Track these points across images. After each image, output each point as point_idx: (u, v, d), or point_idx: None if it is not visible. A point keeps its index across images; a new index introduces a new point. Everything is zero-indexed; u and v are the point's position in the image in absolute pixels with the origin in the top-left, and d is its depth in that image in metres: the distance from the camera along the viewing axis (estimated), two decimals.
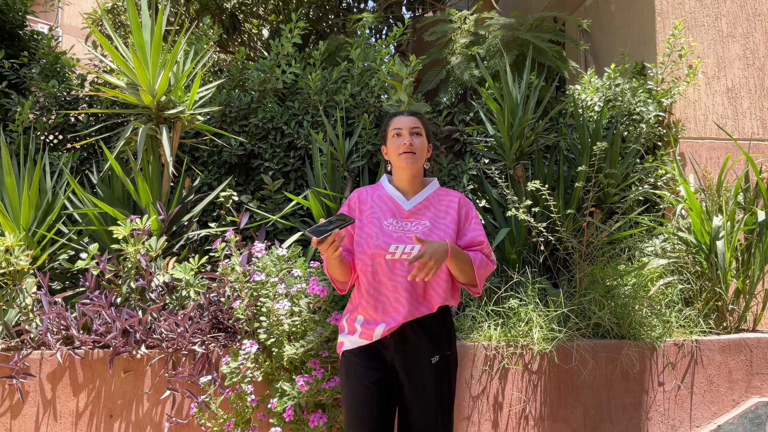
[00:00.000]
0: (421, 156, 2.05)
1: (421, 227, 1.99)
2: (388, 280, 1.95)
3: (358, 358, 1.99)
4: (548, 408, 2.82)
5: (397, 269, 1.94)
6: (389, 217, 2.02)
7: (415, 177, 2.08)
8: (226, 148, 3.75)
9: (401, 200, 2.06)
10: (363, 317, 1.99)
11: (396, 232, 1.97)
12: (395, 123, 2.07)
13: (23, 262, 2.86)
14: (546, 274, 3.38)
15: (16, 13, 4.35)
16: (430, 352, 1.97)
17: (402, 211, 2.04)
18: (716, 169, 3.98)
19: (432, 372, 1.96)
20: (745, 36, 4.27)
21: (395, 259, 1.94)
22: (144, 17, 3.26)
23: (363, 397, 1.95)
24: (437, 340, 1.99)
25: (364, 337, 1.98)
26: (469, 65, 4.31)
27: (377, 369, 1.97)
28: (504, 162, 3.56)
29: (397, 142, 2.04)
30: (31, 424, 2.58)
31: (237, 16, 6.57)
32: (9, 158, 3.19)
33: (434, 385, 1.97)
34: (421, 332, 1.97)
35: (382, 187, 2.12)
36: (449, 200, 2.08)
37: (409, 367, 1.97)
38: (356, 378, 1.97)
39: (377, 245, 1.95)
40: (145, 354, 2.63)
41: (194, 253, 3.21)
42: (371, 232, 1.99)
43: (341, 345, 2.07)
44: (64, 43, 5.79)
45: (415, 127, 2.05)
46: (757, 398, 3.01)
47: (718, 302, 3.25)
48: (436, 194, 2.10)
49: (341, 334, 2.09)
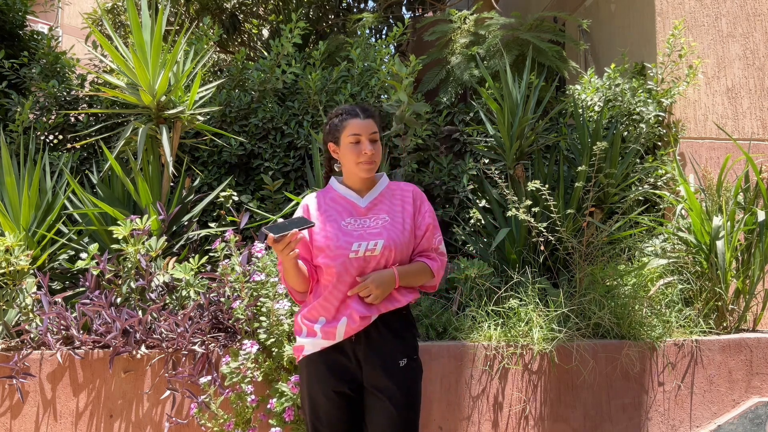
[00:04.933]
0: (379, 162, 2.01)
1: (381, 221, 1.96)
2: (353, 280, 1.90)
3: (321, 363, 1.91)
4: (548, 408, 2.82)
5: (362, 267, 1.90)
6: (346, 216, 1.98)
7: (369, 178, 2.04)
8: (226, 148, 3.75)
9: (355, 198, 2.02)
10: (324, 318, 1.92)
11: (356, 230, 1.94)
12: (353, 126, 1.96)
13: (23, 262, 2.86)
14: (546, 274, 3.38)
15: (16, 13, 4.35)
16: (397, 354, 1.92)
17: (358, 209, 2.00)
18: (716, 169, 3.98)
19: (399, 376, 1.90)
20: (745, 36, 4.27)
21: (359, 257, 1.90)
22: (144, 17, 3.26)
23: (326, 409, 1.90)
24: (404, 341, 1.95)
25: (326, 337, 1.91)
26: (469, 65, 4.31)
27: (342, 379, 1.90)
28: (504, 162, 3.56)
29: (356, 149, 1.95)
30: (31, 424, 2.59)
31: (237, 16, 6.57)
32: (9, 158, 3.19)
33: (401, 391, 1.89)
34: (386, 331, 1.92)
35: (333, 189, 2.06)
36: (402, 194, 2.05)
37: (376, 371, 1.90)
38: (319, 386, 1.91)
39: (339, 246, 1.90)
40: (145, 354, 2.63)
41: (194, 253, 3.21)
42: (330, 233, 1.93)
43: (301, 349, 1.97)
44: (64, 43, 5.79)
45: (373, 132, 1.97)
46: (757, 398, 3.01)
47: (718, 302, 3.25)
48: (389, 188, 2.07)
49: (299, 336, 1.99)
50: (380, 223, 1.96)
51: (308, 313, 1.96)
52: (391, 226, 1.95)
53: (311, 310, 1.95)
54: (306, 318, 1.97)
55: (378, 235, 1.93)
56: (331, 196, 2.04)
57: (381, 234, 1.93)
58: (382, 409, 1.89)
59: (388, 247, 1.91)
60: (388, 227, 1.95)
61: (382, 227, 1.94)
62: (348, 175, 2.05)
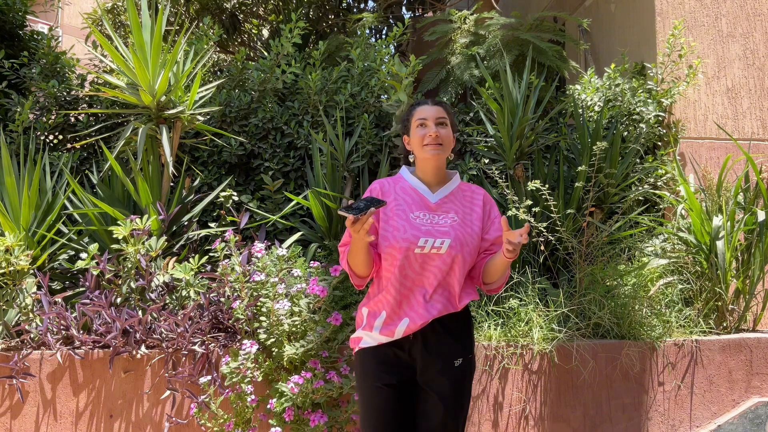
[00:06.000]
0: (447, 147, 1.98)
1: (450, 220, 1.94)
2: (415, 275, 1.89)
3: (375, 357, 1.92)
4: (548, 408, 2.82)
5: (426, 263, 1.88)
6: (416, 209, 1.95)
7: (439, 169, 2.01)
8: (226, 148, 3.75)
9: (426, 192, 1.99)
10: (386, 312, 1.91)
11: (425, 225, 1.91)
12: (419, 112, 1.99)
13: (23, 262, 2.86)
14: (546, 274, 3.38)
15: (16, 13, 4.34)
16: (453, 355, 1.91)
17: (428, 204, 1.97)
18: (716, 169, 3.98)
19: (453, 376, 1.90)
20: (745, 36, 4.27)
21: (424, 253, 1.88)
22: (144, 17, 3.26)
23: (380, 401, 1.90)
24: (461, 342, 1.94)
25: (385, 333, 1.90)
26: (469, 65, 4.31)
27: (394, 372, 1.90)
28: (504, 162, 3.56)
29: (422, 132, 1.96)
30: (31, 424, 2.59)
31: (237, 16, 6.57)
32: (9, 158, 3.19)
33: (453, 390, 1.90)
34: (443, 333, 1.91)
35: (403, 179, 2.04)
36: (473, 196, 2.03)
37: (430, 370, 1.90)
38: (372, 379, 1.90)
39: (406, 238, 1.87)
40: (145, 354, 2.63)
41: (194, 253, 3.21)
42: (398, 224, 1.90)
43: (358, 340, 1.97)
44: (64, 43, 5.79)
45: (440, 117, 1.97)
46: (757, 398, 3.01)
47: (718, 302, 3.25)
48: (460, 188, 2.04)
49: (359, 327, 1.99)
50: (449, 222, 1.93)
51: (373, 305, 1.96)
52: (460, 227, 1.93)
53: (376, 302, 1.95)
54: (370, 310, 1.96)
55: (446, 233, 1.90)
56: (402, 186, 2.02)
57: (449, 233, 1.90)
58: (434, 406, 1.89)
59: (454, 246, 1.88)
60: (457, 227, 1.92)
61: (451, 226, 1.92)
62: (419, 165, 2.03)
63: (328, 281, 2.66)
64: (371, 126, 3.72)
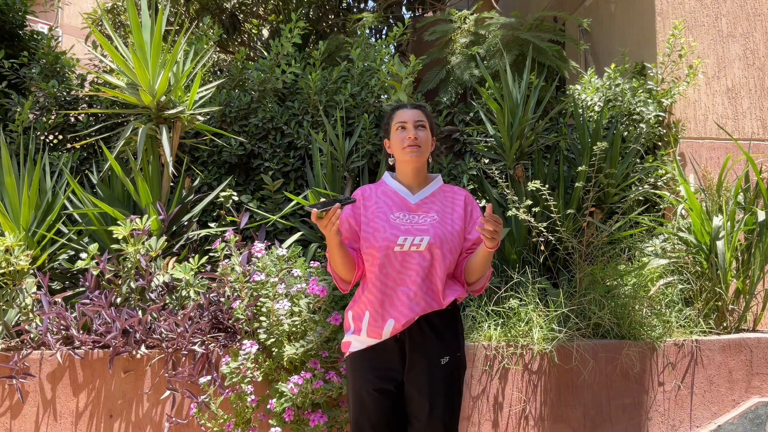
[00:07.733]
0: (425, 149, 2.02)
1: (429, 219, 1.97)
2: (396, 274, 1.92)
3: (366, 361, 1.95)
4: (548, 408, 2.82)
5: (406, 261, 1.91)
6: (396, 210, 1.99)
7: (419, 171, 2.05)
8: (226, 148, 3.75)
9: (406, 194, 2.04)
10: (369, 313, 1.94)
11: (404, 225, 1.95)
12: (399, 116, 2.04)
13: (23, 262, 2.86)
14: (546, 274, 3.38)
15: (16, 13, 4.34)
16: (440, 353, 1.93)
17: (408, 205, 2.01)
18: (716, 169, 3.98)
19: (440, 375, 1.92)
20: (745, 36, 4.27)
21: (404, 251, 1.91)
22: (144, 17, 3.26)
23: (369, 406, 1.92)
24: (446, 340, 1.96)
25: (372, 335, 1.94)
26: (469, 65, 4.31)
27: (385, 377, 1.93)
28: (504, 162, 3.56)
29: (401, 135, 2.01)
30: (31, 424, 2.58)
31: (237, 16, 6.57)
32: (9, 158, 3.19)
33: (441, 389, 1.91)
34: (429, 331, 1.93)
35: (385, 184, 2.10)
36: (455, 196, 2.07)
37: (416, 369, 1.92)
38: (363, 383, 1.93)
39: (385, 237, 1.92)
40: (145, 354, 2.63)
41: (194, 253, 3.21)
42: (378, 225, 1.96)
43: (348, 345, 2.02)
44: (64, 43, 5.78)
45: (419, 120, 2.03)
46: (757, 398, 3.01)
47: (718, 302, 3.25)
48: (441, 190, 2.08)
49: (347, 332, 2.04)
50: (429, 221, 1.97)
51: (357, 307, 2.00)
52: (440, 225, 1.96)
53: (359, 304, 1.99)
54: (354, 313, 2.01)
55: (425, 231, 1.94)
56: (383, 190, 2.07)
57: (428, 231, 1.94)
58: (421, 406, 1.91)
59: (434, 243, 1.91)
60: (436, 225, 1.96)
61: (430, 224, 1.95)
62: (399, 168, 2.08)
63: (328, 281, 2.66)
64: (371, 126, 3.72)
